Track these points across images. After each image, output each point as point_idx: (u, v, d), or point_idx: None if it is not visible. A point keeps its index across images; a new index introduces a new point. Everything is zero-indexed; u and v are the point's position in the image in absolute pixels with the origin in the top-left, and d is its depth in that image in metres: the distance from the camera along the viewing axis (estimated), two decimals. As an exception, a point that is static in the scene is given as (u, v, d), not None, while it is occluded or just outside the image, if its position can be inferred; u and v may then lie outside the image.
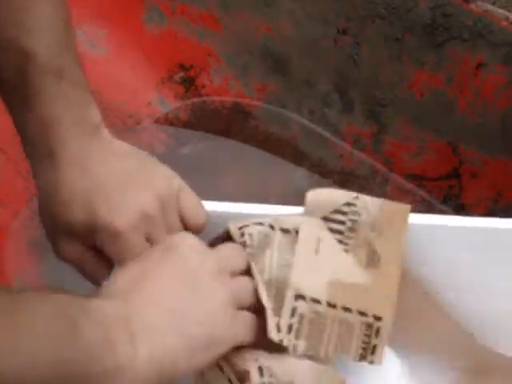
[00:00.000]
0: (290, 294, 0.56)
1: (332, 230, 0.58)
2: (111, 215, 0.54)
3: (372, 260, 0.58)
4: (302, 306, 0.56)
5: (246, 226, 0.58)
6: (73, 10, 0.99)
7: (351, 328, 0.56)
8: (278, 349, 0.55)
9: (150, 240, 0.56)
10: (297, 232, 0.58)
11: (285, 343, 0.55)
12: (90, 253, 0.58)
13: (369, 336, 0.56)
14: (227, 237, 0.58)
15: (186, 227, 0.59)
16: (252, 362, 0.53)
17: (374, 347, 0.56)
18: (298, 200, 0.96)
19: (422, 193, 0.94)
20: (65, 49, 0.56)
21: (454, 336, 0.64)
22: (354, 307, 0.56)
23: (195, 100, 1.05)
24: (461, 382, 0.64)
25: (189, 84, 1.05)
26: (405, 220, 0.59)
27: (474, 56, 0.83)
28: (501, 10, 0.81)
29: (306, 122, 1.01)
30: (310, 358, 0.55)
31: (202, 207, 0.61)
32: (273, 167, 0.99)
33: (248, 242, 0.57)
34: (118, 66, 1.02)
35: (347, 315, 0.56)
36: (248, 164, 0.99)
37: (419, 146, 0.92)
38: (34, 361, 0.40)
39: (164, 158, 0.99)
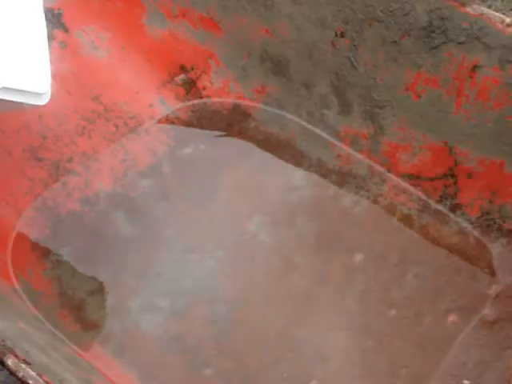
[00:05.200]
0: None
1: None
2: None
3: None
4: None
5: None
6: (75, 13, 1.01)
7: None
8: None
9: None
10: None
11: None
12: None
13: None
14: None
15: None
16: None
17: None
18: (297, 199, 0.97)
19: (418, 192, 0.95)
20: None
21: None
22: None
23: (196, 101, 1.06)
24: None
25: (189, 86, 1.06)
26: None
27: (469, 58, 0.84)
28: (496, 13, 0.82)
29: (304, 123, 1.02)
30: None
31: None
32: (272, 167, 1.00)
33: None
34: (120, 68, 1.03)
35: None
36: (247, 164, 1.00)
37: (416, 146, 0.93)
38: None
39: (165, 159, 1.01)
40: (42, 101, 0.80)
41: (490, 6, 1.22)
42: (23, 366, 0.63)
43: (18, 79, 0.77)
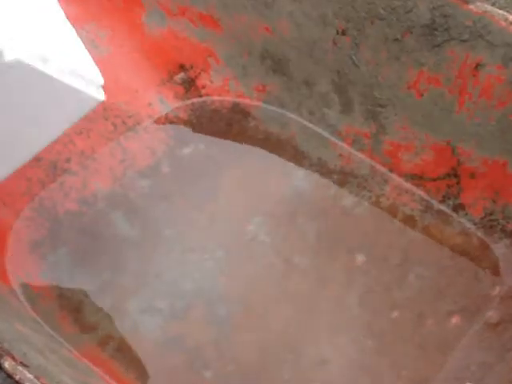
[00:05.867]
0: None
1: None
2: None
3: None
4: None
5: None
6: (75, 11, 1.00)
7: None
8: None
9: None
10: None
11: None
12: None
13: None
14: None
15: None
16: None
17: None
18: (298, 199, 0.97)
19: (420, 192, 0.95)
20: None
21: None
22: None
23: (195, 100, 1.06)
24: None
25: (189, 84, 1.06)
26: None
27: (472, 56, 0.83)
28: (500, 11, 0.81)
29: (305, 122, 1.02)
30: None
31: None
32: (272, 167, 1.00)
33: None
34: (119, 66, 1.03)
35: None
36: (248, 164, 1.00)
37: (418, 146, 0.93)
38: None
39: (164, 158, 1.01)
40: (101, 95, 0.79)
41: (493, 4, 1.21)
42: (20, 368, 0.63)
43: (82, 67, 0.78)
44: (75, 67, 0.75)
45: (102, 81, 0.78)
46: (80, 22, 1.00)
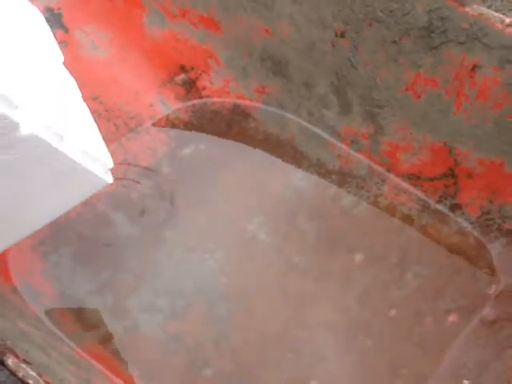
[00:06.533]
0: None
1: None
2: None
3: None
4: None
5: None
6: (76, 13, 1.01)
7: None
8: None
9: None
10: None
11: None
12: None
13: None
14: None
15: None
16: None
17: None
18: (297, 199, 0.97)
19: (418, 192, 0.95)
20: None
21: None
22: None
23: (196, 101, 1.06)
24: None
25: (189, 86, 1.06)
26: None
27: (469, 58, 0.84)
28: (496, 14, 0.82)
29: (304, 123, 1.02)
30: None
31: None
32: (272, 167, 1.00)
33: None
34: (120, 68, 1.03)
35: None
36: (247, 164, 1.00)
37: (416, 146, 0.94)
38: None
39: (165, 159, 1.01)
40: (109, 178, 0.78)
41: (489, 6, 1.22)
42: (23, 365, 0.63)
43: (94, 148, 0.76)
44: (87, 148, 0.74)
45: (111, 164, 0.78)
46: (79, 24, 1.01)
